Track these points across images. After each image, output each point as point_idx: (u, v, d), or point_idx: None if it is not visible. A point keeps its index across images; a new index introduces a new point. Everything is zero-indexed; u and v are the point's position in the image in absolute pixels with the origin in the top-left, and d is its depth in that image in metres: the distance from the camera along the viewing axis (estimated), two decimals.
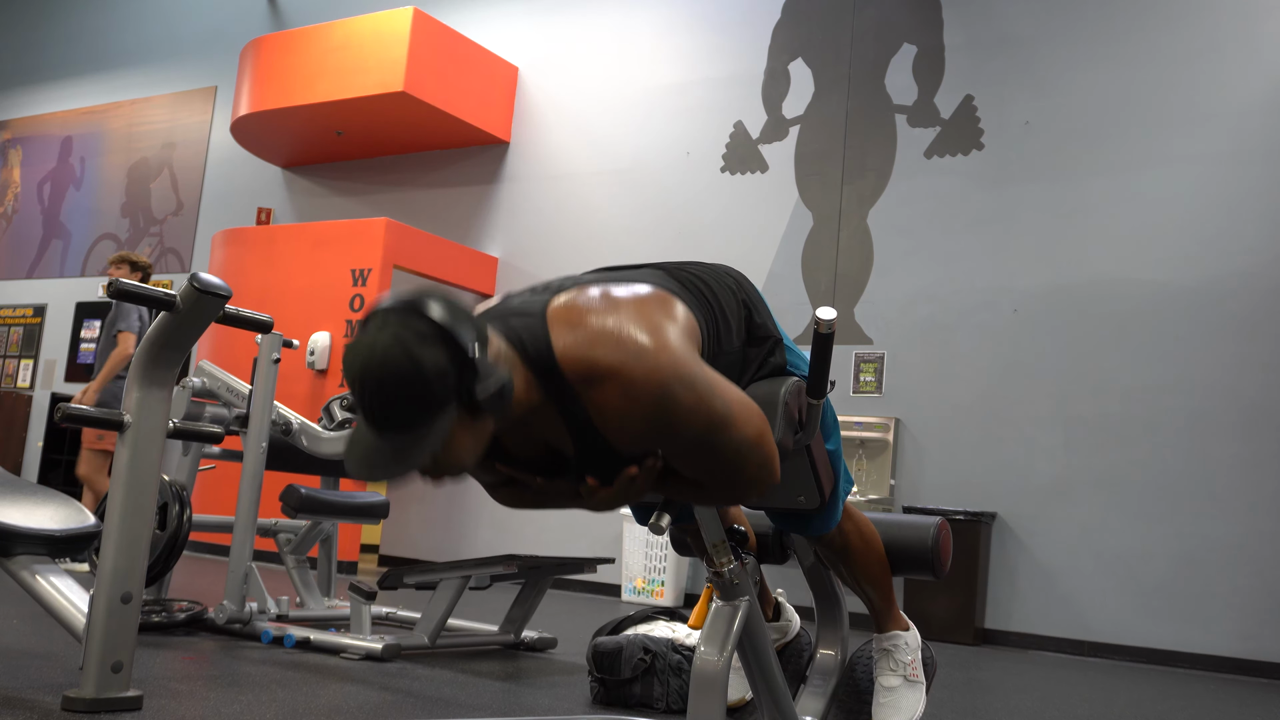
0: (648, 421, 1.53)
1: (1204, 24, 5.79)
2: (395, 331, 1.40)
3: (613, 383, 1.51)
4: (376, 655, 3.35)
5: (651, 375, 1.51)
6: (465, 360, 1.41)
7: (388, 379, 1.39)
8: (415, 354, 1.39)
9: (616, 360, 1.51)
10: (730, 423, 1.57)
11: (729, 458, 1.59)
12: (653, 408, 1.51)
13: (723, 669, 1.76)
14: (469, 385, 1.42)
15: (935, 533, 2.40)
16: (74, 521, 2.72)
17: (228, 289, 2.39)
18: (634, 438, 1.57)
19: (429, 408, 1.40)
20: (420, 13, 7.37)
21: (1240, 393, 5.38)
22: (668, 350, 1.54)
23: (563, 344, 1.53)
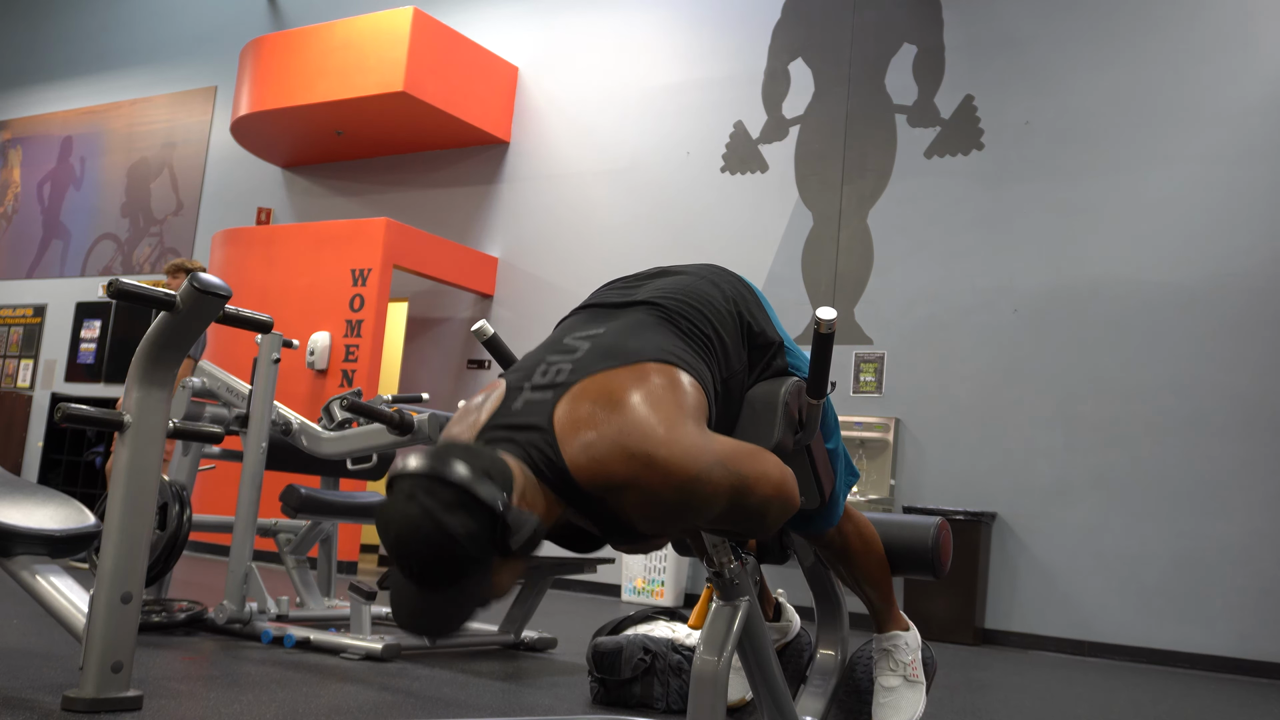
0: (671, 518, 1.58)
1: (1204, 24, 5.79)
2: (423, 503, 1.43)
3: (631, 491, 1.54)
4: (376, 655, 3.34)
5: (668, 480, 1.52)
6: (494, 518, 1.44)
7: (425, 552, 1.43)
8: (447, 525, 1.41)
9: (630, 472, 1.53)
10: (750, 489, 1.60)
11: (752, 515, 1.65)
12: (674, 507, 1.55)
13: (723, 669, 1.76)
14: (503, 539, 1.45)
15: (935, 533, 2.40)
16: (74, 521, 2.72)
17: (228, 289, 2.39)
18: (660, 529, 1.63)
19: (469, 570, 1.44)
20: (420, 13, 7.37)
21: (1240, 393, 5.38)
22: (679, 449, 1.54)
23: (575, 460, 1.54)
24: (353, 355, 7.05)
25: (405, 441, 3.62)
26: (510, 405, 1.62)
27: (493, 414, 1.62)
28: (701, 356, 1.73)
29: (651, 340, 1.70)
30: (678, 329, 1.74)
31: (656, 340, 1.70)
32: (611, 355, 1.65)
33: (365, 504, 4.34)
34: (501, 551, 1.46)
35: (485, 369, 7.62)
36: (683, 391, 1.62)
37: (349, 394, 3.92)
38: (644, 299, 1.81)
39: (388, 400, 4.16)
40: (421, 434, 3.59)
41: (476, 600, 1.47)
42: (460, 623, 1.49)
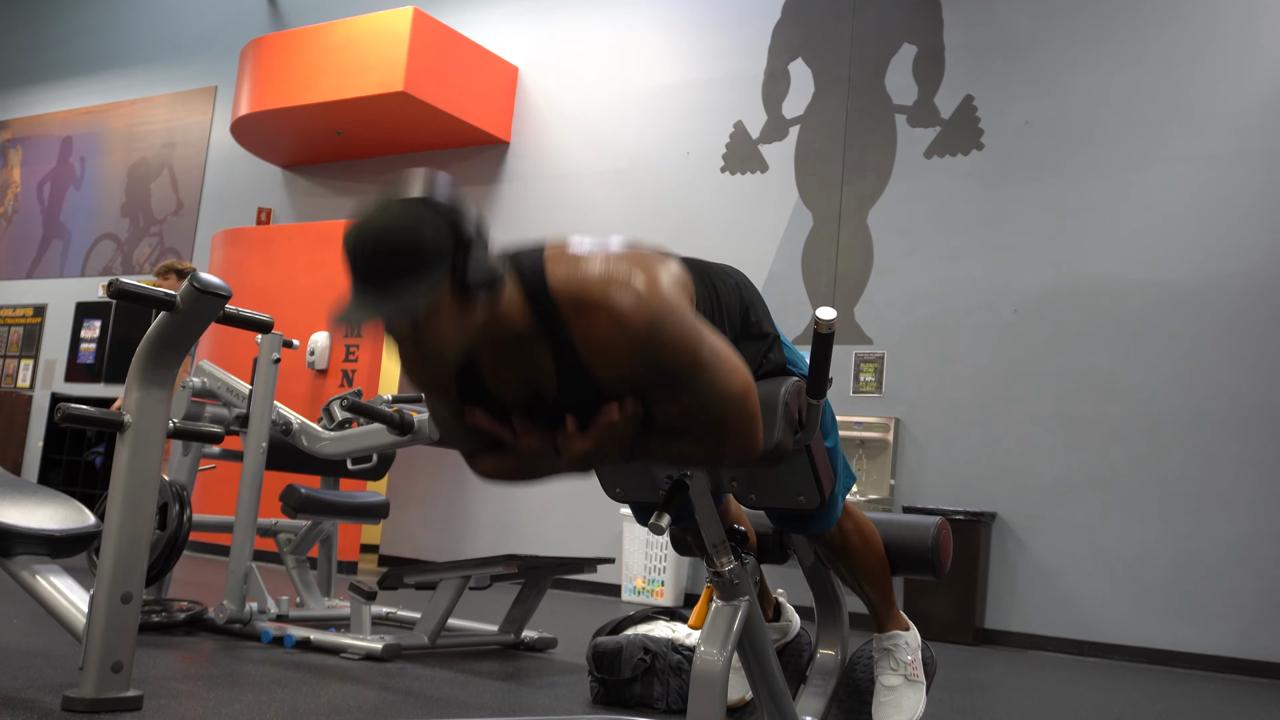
0: (634, 351, 1.54)
1: (1204, 24, 5.79)
2: (399, 205, 1.47)
3: (602, 311, 1.53)
4: (376, 655, 3.35)
5: (640, 306, 1.53)
6: (462, 238, 1.46)
7: (385, 237, 1.44)
8: (415, 222, 1.44)
9: (607, 290, 1.54)
10: (716, 366, 1.59)
11: (711, 404, 1.60)
12: (640, 337, 1.53)
13: (723, 669, 1.76)
14: (462, 261, 1.46)
15: (935, 533, 2.40)
16: (74, 521, 2.72)
17: (228, 289, 2.39)
18: (619, 370, 1.57)
19: (419, 265, 1.43)
20: (420, 13, 7.37)
21: (1240, 393, 5.38)
22: (659, 287, 1.57)
23: (556, 274, 1.57)
24: (353, 355, 7.05)
25: (405, 441, 3.62)
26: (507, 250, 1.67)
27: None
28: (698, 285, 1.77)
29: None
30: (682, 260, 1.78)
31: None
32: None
33: (365, 504, 4.34)
34: (457, 275, 1.45)
35: None
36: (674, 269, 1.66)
37: (349, 394, 3.92)
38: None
39: (388, 400, 4.16)
40: (422, 434, 3.59)
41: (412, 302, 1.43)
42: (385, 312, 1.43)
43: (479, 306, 1.50)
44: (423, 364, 1.67)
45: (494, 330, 1.56)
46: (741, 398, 1.61)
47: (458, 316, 1.49)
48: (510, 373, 1.64)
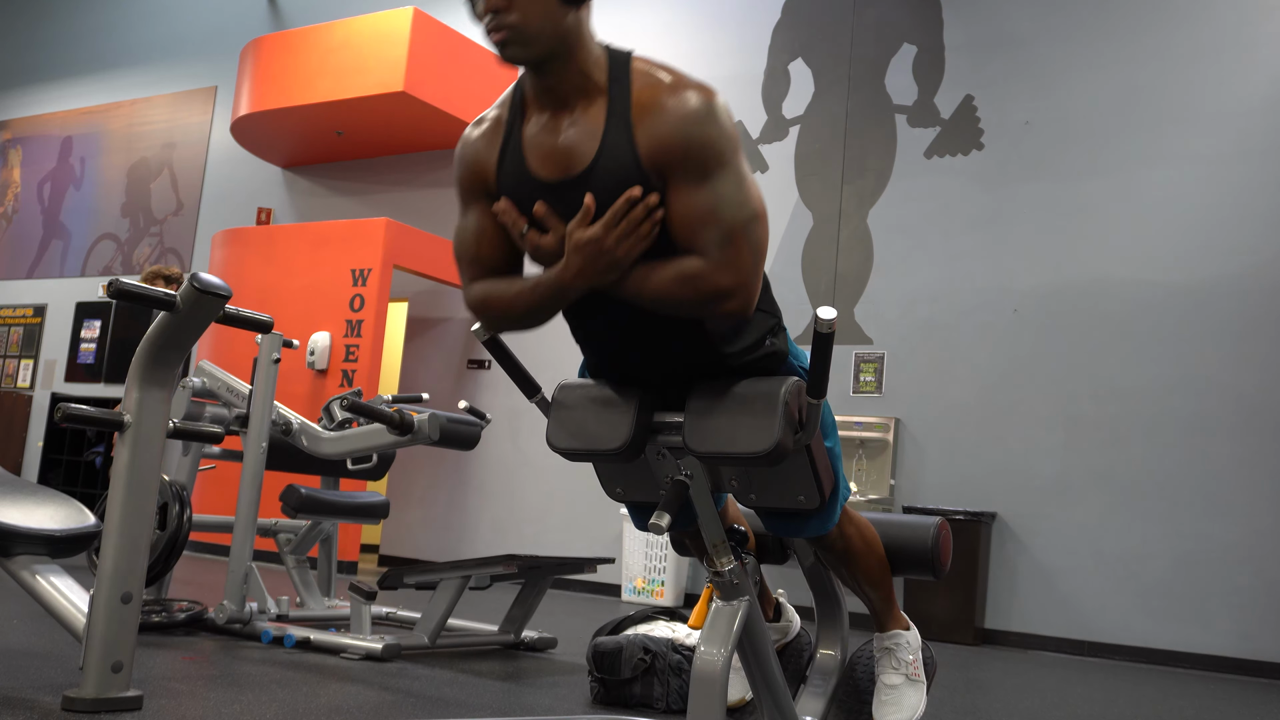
0: (682, 120, 1.63)
1: (1204, 24, 5.79)
2: None
3: (666, 86, 1.66)
4: (376, 655, 3.35)
5: (700, 96, 1.65)
6: None
7: None
8: None
9: (678, 78, 1.67)
10: (742, 176, 1.68)
11: (728, 211, 1.65)
12: (692, 110, 1.63)
13: (723, 669, 1.76)
14: None
15: (935, 533, 2.40)
16: (74, 521, 2.72)
17: (228, 289, 2.39)
18: (661, 135, 1.64)
19: None
20: (420, 13, 7.37)
21: (1240, 393, 5.38)
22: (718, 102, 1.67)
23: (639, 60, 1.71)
24: (353, 355, 7.05)
25: (405, 441, 3.62)
26: None
27: None
28: None
29: None
30: None
31: None
32: None
33: (365, 504, 4.34)
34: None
35: (485, 369, 7.62)
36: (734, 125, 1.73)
37: (349, 394, 3.92)
38: None
39: (388, 400, 4.16)
40: (421, 434, 3.59)
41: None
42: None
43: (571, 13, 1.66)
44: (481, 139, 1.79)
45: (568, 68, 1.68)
46: (755, 217, 1.68)
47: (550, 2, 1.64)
48: (554, 136, 1.71)
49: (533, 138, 1.73)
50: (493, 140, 1.78)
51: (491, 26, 1.68)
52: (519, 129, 1.76)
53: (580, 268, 1.67)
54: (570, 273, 1.68)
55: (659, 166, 1.65)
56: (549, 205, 1.71)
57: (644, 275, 1.68)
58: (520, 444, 7.28)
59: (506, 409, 7.29)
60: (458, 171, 1.82)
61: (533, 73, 1.73)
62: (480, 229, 1.81)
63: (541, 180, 1.72)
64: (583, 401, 1.88)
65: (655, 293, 1.69)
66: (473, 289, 1.81)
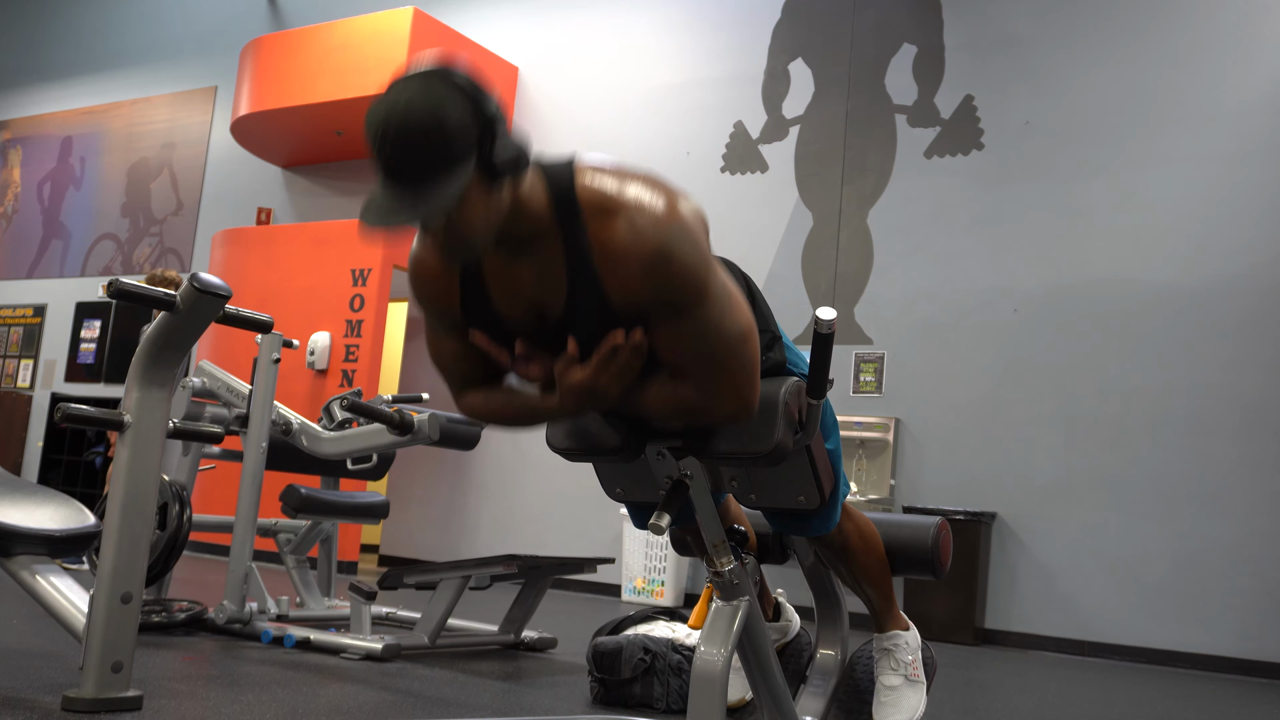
0: (647, 263, 1.54)
1: (1204, 24, 5.79)
2: (422, 85, 1.43)
3: (622, 219, 1.54)
4: (376, 655, 3.35)
5: (660, 221, 1.54)
6: (488, 120, 1.44)
7: (410, 126, 1.40)
8: (440, 105, 1.41)
9: (631, 200, 1.55)
10: (724, 301, 1.60)
11: (713, 339, 1.60)
12: (656, 250, 1.53)
13: (723, 669, 1.76)
14: (489, 143, 1.44)
15: (935, 533, 2.40)
16: (74, 521, 2.72)
17: (228, 289, 2.39)
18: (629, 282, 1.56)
19: (448, 156, 1.41)
20: (420, 13, 7.37)
21: (1240, 393, 5.38)
22: (680, 210, 1.57)
23: (584, 179, 1.59)
24: (353, 355, 7.05)
25: (405, 441, 3.62)
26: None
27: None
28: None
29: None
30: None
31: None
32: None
33: (365, 504, 4.34)
34: (484, 159, 1.44)
35: None
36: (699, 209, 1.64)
37: (349, 394, 3.92)
38: None
39: (388, 400, 4.16)
40: (421, 434, 3.59)
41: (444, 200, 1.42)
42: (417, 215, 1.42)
43: (505, 191, 1.50)
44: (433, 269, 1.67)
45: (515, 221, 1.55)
46: (743, 338, 1.63)
47: (484, 202, 1.48)
48: (519, 285, 1.63)
49: (495, 280, 1.65)
50: (450, 275, 1.68)
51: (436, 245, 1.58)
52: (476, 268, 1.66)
53: (573, 402, 1.65)
54: (564, 406, 1.66)
55: (633, 309, 1.59)
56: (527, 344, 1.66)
57: (639, 395, 1.66)
58: (520, 444, 7.28)
59: None
60: (417, 293, 1.72)
61: None
62: (457, 351, 1.73)
63: (512, 320, 1.67)
64: None
65: (653, 411, 1.69)
66: (464, 400, 1.76)
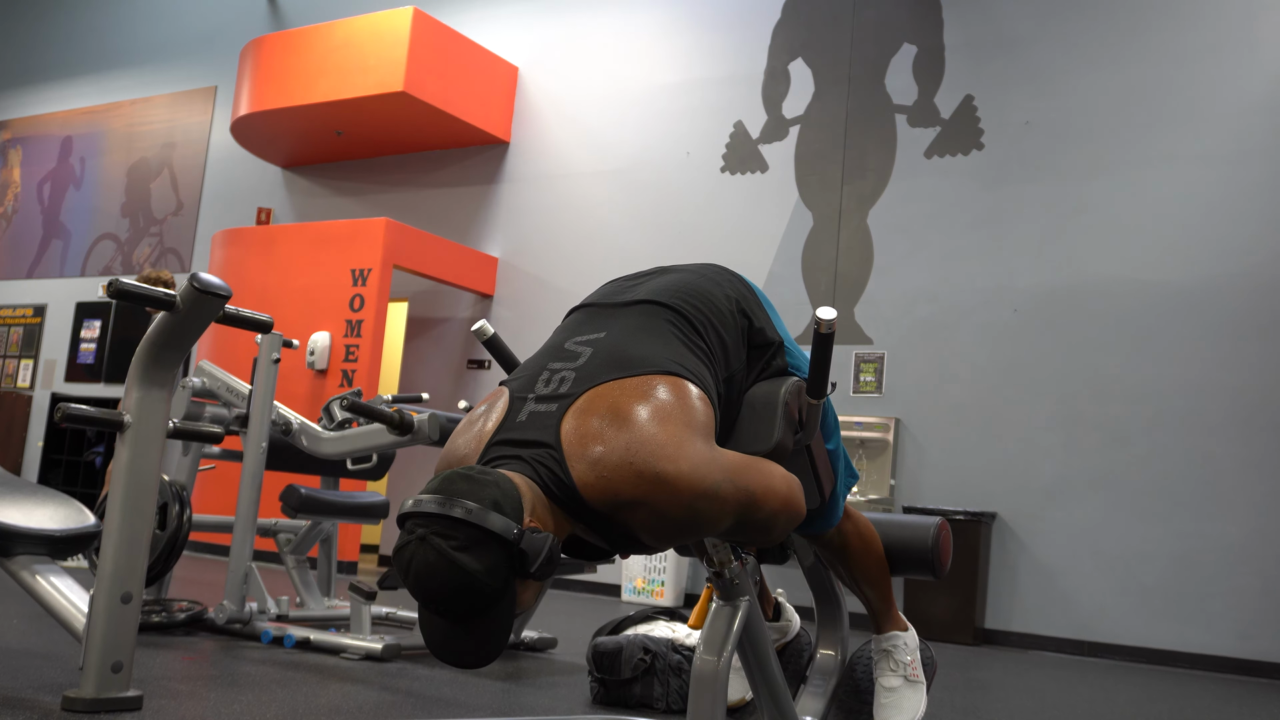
0: (680, 533, 1.59)
1: (1204, 24, 5.79)
2: (437, 546, 1.43)
3: (640, 509, 1.54)
4: (376, 655, 3.34)
5: (676, 499, 1.53)
6: (510, 548, 1.44)
7: (447, 592, 1.44)
8: (464, 564, 1.42)
9: (639, 491, 1.52)
10: (758, 504, 1.62)
11: (759, 527, 1.67)
12: (683, 523, 1.56)
13: (723, 669, 1.76)
14: (521, 565, 1.45)
15: (935, 533, 2.40)
16: (74, 521, 2.72)
17: (228, 289, 2.39)
18: (668, 544, 1.64)
19: (493, 601, 1.45)
20: (420, 13, 7.37)
21: (1240, 393, 5.38)
22: (687, 467, 1.53)
23: (583, 479, 1.53)
24: (353, 355, 7.05)
25: (405, 441, 3.62)
26: (515, 418, 1.62)
27: (498, 426, 1.62)
28: (704, 361, 1.72)
29: (655, 348, 1.68)
30: (679, 331, 1.74)
31: (660, 348, 1.69)
32: (616, 364, 1.64)
33: (365, 504, 4.34)
34: (522, 576, 1.47)
35: (485, 369, 7.62)
36: (691, 406, 1.60)
37: (349, 394, 3.92)
38: (644, 298, 1.81)
39: (388, 400, 4.16)
40: (421, 434, 3.59)
41: (507, 624, 1.48)
42: (497, 648, 1.49)
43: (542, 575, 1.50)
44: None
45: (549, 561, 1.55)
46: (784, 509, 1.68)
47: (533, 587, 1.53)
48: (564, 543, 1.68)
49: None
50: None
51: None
52: None
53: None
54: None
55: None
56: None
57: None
58: None
59: None
60: None
61: None
62: None
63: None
64: None
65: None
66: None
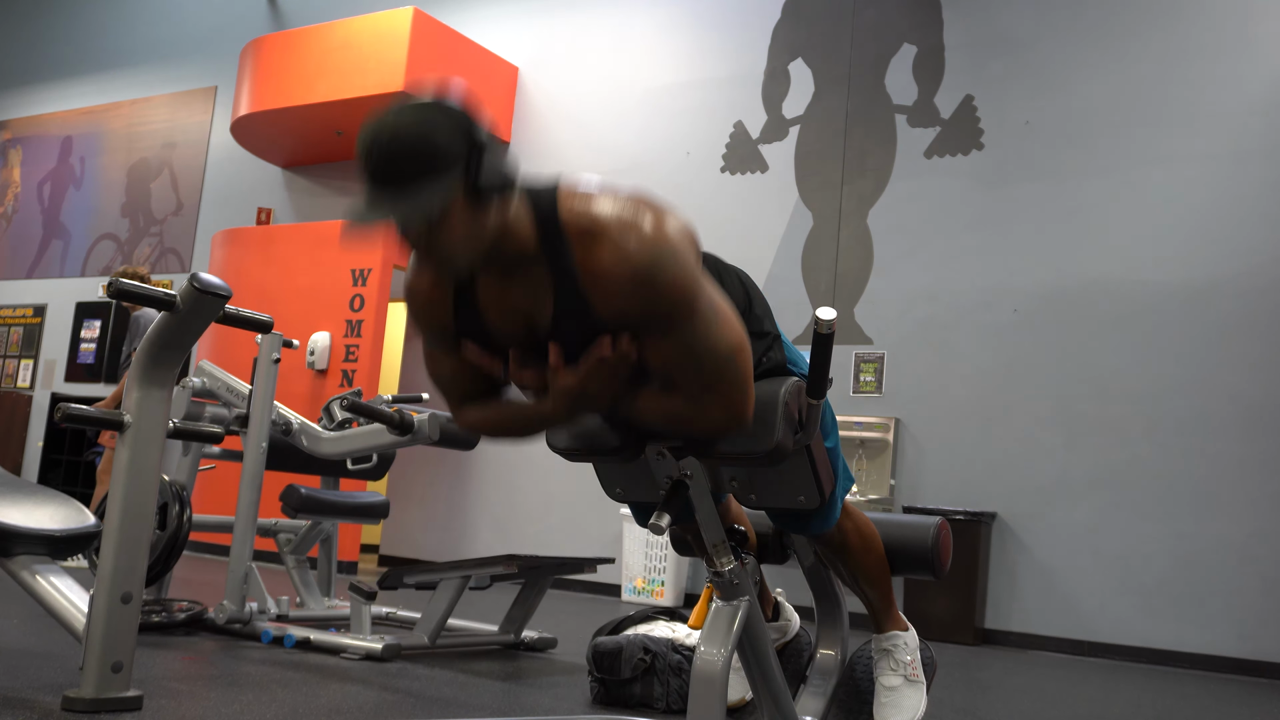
0: (633, 284, 1.56)
1: (1204, 24, 5.79)
2: (415, 107, 1.52)
3: (607, 242, 1.56)
4: (376, 655, 3.35)
5: (645, 242, 1.56)
6: (476, 143, 1.51)
7: (398, 139, 1.49)
8: (429, 123, 1.49)
9: (615, 223, 1.57)
10: (712, 317, 1.62)
11: (702, 355, 1.62)
12: (641, 271, 1.55)
13: (723, 669, 1.76)
14: (475, 164, 1.49)
15: (935, 533, 2.40)
16: (74, 521, 2.72)
17: (228, 289, 2.39)
18: (616, 302, 1.59)
19: (431, 167, 1.47)
20: (420, 13, 7.37)
21: (1240, 393, 5.38)
22: (666, 229, 1.59)
23: (567, 203, 1.60)
24: (353, 355, 7.05)
25: (405, 441, 3.62)
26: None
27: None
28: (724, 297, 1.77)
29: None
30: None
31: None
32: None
33: (365, 504, 4.34)
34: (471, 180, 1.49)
35: None
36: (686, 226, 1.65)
37: (349, 394, 3.92)
38: None
39: (388, 400, 4.16)
40: (421, 434, 3.59)
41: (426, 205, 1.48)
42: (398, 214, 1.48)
43: (490, 212, 1.54)
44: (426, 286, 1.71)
45: (500, 244, 1.59)
46: (733, 353, 1.64)
47: (469, 220, 1.53)
48: (508, 300, 1.67)
49: (486, 298, 1.70)
50: (443, 293, 1.73)
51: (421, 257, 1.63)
52: (468, 285, 1.71)
53: (566, 408, 1.68)
54: (557, 412, 1.70)
55: (623, 326, 1.62)
56: (518, 354, 1.70)
57: (632, 404, 1.70)
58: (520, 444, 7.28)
59: None
60: (413, 314, 1.77)
61: None
62: (454, 368, 1.77)
63: (505, 333, 1.71)
64: None
65: (645, 422, 1.72)
66: (464, 413, 1.80)
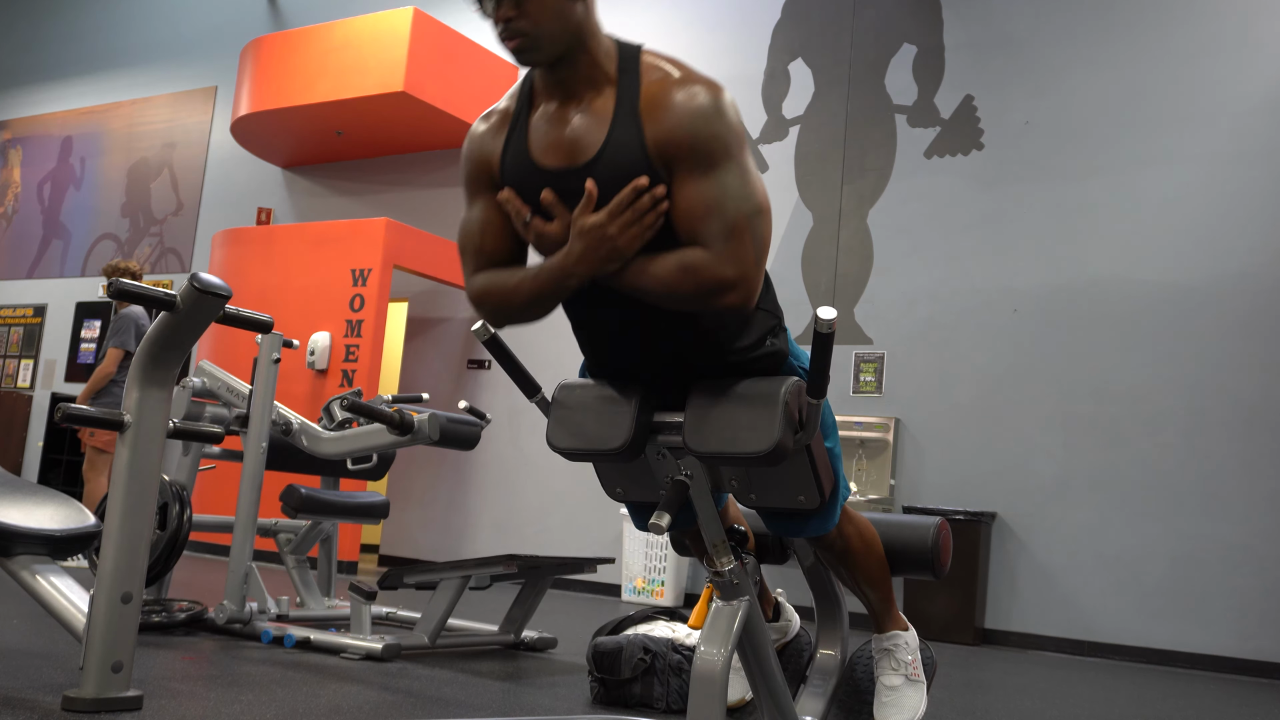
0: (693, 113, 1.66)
1: (1204, 24, 5.79)
2: None
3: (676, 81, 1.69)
4: (376, 655, 3.35)
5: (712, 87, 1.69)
6: None
7: None
8: None
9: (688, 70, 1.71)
10: (750, 176, 1.70)
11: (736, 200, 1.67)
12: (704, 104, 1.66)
13: (723, 669, 1.76)
14: None
15: (935, 533, 2.40)
16: (74, 521, 2.72)
17: (228, 289, 2.39)
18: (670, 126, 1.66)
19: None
20: (420, 13, 7.37)
21: (1240, 393, 5.38)
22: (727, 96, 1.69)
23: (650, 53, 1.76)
24: (353, 355, 7.05)
25: (405, 441, 3.62)
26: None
27: None
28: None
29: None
30: None
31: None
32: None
33: (365, 504, 4.34)
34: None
35: (485, 369, 7.62)
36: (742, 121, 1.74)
37: (349, 394, 3.92)
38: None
39: (388, 400, 4.16)
40: (421, 434, 3.59)
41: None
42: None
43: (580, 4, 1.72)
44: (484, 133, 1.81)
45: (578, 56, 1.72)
46: (760, 209, 1.70)
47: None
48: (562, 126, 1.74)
49: (539, 127, 1.76)
50: (499, 132, 1.81)
51: (504, 35, 1.70)
52: (525, 119, 1.78)
53: (583, 254, 1.68)
54: (573, 259, 1.69)
55: (665, 158, 1.67)
56: (555, 194, 1.72)
57: (645, 265, 1.70)
58: (520, 444, 7.28)
59: (506, 409, 7.29)
60: (464, 166, 1.84)
61: (546, 69, 1.74)
62: (485, 221, 1.81)
63: (546, 169, 1.74)
64: (583, 401, 1.88)
65: (656, 283, 1.70)
66: (475, 280, 1.82)
